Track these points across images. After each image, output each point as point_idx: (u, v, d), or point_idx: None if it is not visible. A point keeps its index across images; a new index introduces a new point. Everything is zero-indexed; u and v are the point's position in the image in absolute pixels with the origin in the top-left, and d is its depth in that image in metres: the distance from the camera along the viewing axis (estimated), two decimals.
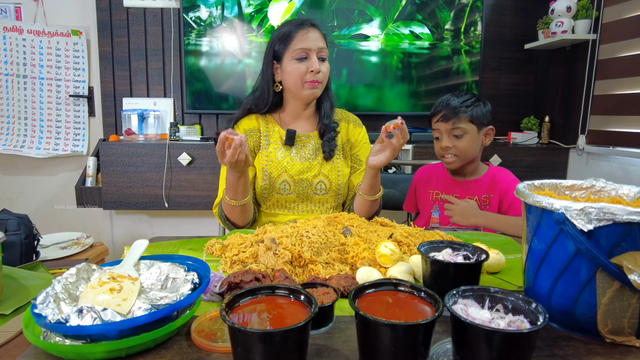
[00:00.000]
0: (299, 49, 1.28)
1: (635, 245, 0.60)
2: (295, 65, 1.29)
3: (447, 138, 1.39)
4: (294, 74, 1.29)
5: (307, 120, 1.42)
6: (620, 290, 0.62)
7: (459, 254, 0.78)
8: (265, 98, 1.36)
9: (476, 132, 1.39)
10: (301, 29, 1.29)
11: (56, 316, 0.59)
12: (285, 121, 1.41)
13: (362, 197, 1.32)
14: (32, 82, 2.69)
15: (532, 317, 0.55)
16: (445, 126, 1.39)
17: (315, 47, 1.29)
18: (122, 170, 2.44)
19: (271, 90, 1.36)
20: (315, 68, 1.28)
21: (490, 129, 1.42)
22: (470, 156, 1.41)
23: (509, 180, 1.41)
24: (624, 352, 0.62)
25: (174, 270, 0.73)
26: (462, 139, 1.38)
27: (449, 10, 2.63)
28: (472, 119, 1.37)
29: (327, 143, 1.37)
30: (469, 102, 1.38)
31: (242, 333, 0.50)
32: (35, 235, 1.79)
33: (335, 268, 0.87)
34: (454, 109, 1.37)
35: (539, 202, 0.66)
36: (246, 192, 1.23)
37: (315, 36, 1.29)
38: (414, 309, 0.58)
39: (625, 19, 2.20)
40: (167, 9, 2.66)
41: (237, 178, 1.18)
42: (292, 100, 1.38)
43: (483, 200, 1.41)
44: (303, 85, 1.31)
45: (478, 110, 1.37)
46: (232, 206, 1.24)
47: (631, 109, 2.15)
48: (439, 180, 1.50)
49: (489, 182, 1.42)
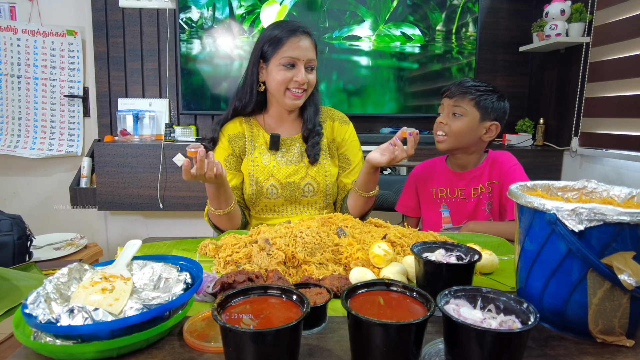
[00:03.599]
0: (287, 57, 1.26)
1: (625, 246, 0.60)
2: (281, 71, 1.27)
3: (446, 115, 1.35)
4: (278, 80, 1.27)
5: (292, 123, 1.40)
6: (610, 290, 0.62)
7: (452, 255, 0.78)
8: (249, 96, 1.34)
9: (477, 119, 1.32)
10: (294, 35, 1.26)
11: (47, 316, 0.58)
12: (270, 124, 1.40)
13: (357, 192, 1.31)
14: (26, 82, 2.68)
15: (524, 317, 0.56)
16: (448, 102, 1.34)
17: (305, 58, 1.27)
18: (117, 170, 2.43)
19: (254, 90, 1.33)
20: (300, 79, 1.26)
21: (494, 124, 1.35)
22: (462, 142, 1.35)
23: (510, 165, 1.36)
24: (615, 351, 0.63)
25: (167, 270, 0.72)
26: (458, 120, 1.32)
27: (441, 12, 2.64)
28: (477, 104, 1.31)
29: (311, 148, 1.35)
30: (482, 88, 1.33)
31: (234, 333, 0.50)
32: (28, 236, 1.78)
33: (329, 268, 0.87)
34: (463, 88, 1.32)
35: (530, 203, 0.67)
36: (229, 200, 1.22)
37: (306, 46, 1.27)
38: (406, 309, 0.58)
39: (615, 22, 2.22)
40: (162, 10, 2.66)
41: (215, 189, 1.17)
42: (275, 102, 1.36)
43: (487, 187, 1.37)
44: (285, 92, 1.29)
45: (488, 99, 1.32)
46: (218, 215, 1.23)
47: (622, 111, 2.16)
48: (439, 175, 1.45)
49: (489, 168, 1.38)
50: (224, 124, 1.39)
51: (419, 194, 1.49)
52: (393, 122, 2.85)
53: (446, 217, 1.40)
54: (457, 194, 1.40)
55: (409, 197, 1.52)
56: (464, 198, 1.39)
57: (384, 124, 2.81)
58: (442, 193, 1.42)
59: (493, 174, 1.37)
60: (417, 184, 1.49)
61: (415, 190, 1.50)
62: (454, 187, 1.40)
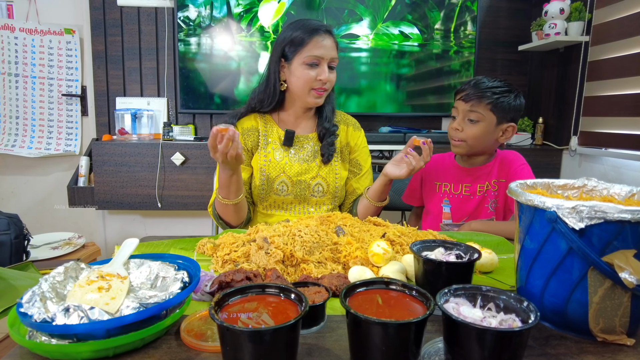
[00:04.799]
0: (312, 56, 1.26)
1: (626, 244, 0.60)
2: (305, 70, 1.27)
3: (461, 120, 1.31)
4: (302, 79, 1.28)
5: (307, 121, 1.41)
6: (611, 289, 0.62)
7: (452, 254, 0.77)
8: (271, 96, 1.35)
9: (494, 123, 1.29)
10: (317, 34, 1.26)
11: (42, 315, 0.58)
12: (285, 121, 1.40)
13: (369, 201, 1.34)
14: (24, 81, 2.67)
15: (524, 316, 0.55)
16: (463, 106, 1.30)
17: (328, 57, 1.28)
18: (115, 170, 2.42)
19: (277, 89, 1.34)
20: (324, 77, 1.28)
21: (511, 126, 1.32)
22: (479, 147, 1.33)
23: (519, 164, 1.35)
24: (616, 350, 0.62)
25: (164, 269, 0.72)
26: (475, 125, 1.29)
27: (439, 11, 2.64)
28: (494, 107, 1.27)
29: (326, 147, 1.37)
30: (498, 90, 1.27)
31: (231, 332, 0.50)
32: (26, 235, 1.77)
33: (328, 267, 0.87)
34: (479, 91, 1.27)
35: (530, 201, 0.66)
36: (239, 191, 1.22)
37: (329, 44, 1.28)
38: (406, 308, 0.57)
39: (614, 21, 2.22)
40: (161, 9, 2.65)
41: (229, 176, 1.17)
42: (294, 101, 1.36)
43: (493, 185, 1.36)
44: (309, 92, 1.30)
45: (505, 101, 1.27)
46: (225, 205, 1.23)
47: (621, 110, 2.16)
48: (446, 170, 1.44)
49: (498, 166, 1.37)
50: (240, 119, 1.39)
51: (423, 187, 1.49)
52: (392, 121, 2.84)
53: (447, 212, 1.40)
54: (462, 190, 1.40)
55: (414, 188, 1.53)
56: (469, 194, 1.39)
57: (383, 123, 2.81)
58: (446, 188, 1.42)
59: (501, 172, 1.37)
60: (422, 176, 1.49)
61: (420, 183, 1.50)
62: (459, 182, 1.40)
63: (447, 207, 1.40)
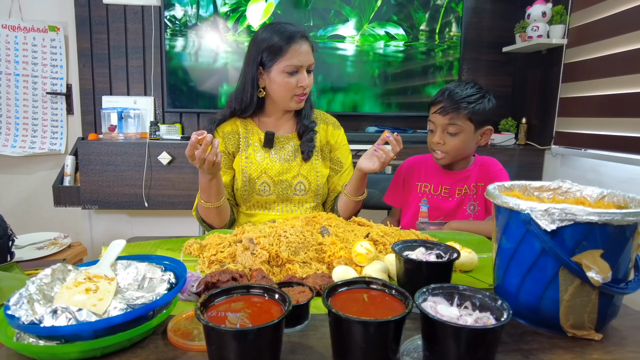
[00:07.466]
0: (292, 65, 1.27)
1: (595, 244, 0.63)
2: (285, 79, 1.29)
3: (441, 133, 1.33)
4: (283, 87, 1.30)
5: (287, 122, 1.43)
6: (580, 287, 0.65)
7: (432, 253, 0.80)
8: (248, 103, 1.35)
9: (472, 131, 1.33)
10: (294, 42, 1.27)
11: (30, 317, 0.58)
12: (265, 123, 1.42)
13: (348, 197, 1.36)
14: (6, 79, 2.63)
15: (498, 314, 0.58)
16: (441, 120, 1.32)
17: (307, 63, 1.30)
18: (101, 169, 2.41)
19: (255, 97, 1.35)
20: (305, 83, 1.30)
21: (489, 129, 1.36)
22: (461, 155, 1.37)
23: (496, 169, 1.40)
24: (584, 345, 0.65)
25: (151, 270, 0.73)
26: (456, 137, 1.32)
27: (424, 12, 2.67)
28: (471, 116, 1.30)
29: (305, 144, 1.39)
30: (473, 98, 1.29)
31: (216, 331, 0.51)
32: (10, 236, 1.75)
33: (312, 267, 0.89)
34: (454, 103, 1.29)
35: (506, 203, 0.69)
36: (220, 194, 1.24)
37: (307, 50, 1.29)
38: (386, 307, 0.60)
39: (590, 23, 2.28)
40: (147, 7, 2.63)
41: (208, 180, 1.19)
42: (275, 105, 1.38)
43: (472, 189, 1.40)
44: (292, 98, 1.32)
45: (480, 108, 1.30)
46: (207, 208, 1.25)
47: (598, 111, 2.22)
48: (428, 171, 1.47)
49: (477, 170, 1.41)
50: (219, 125, 1.40)
51: (405, 187, 1.53)
52: (379, 121, 2.87)
53: (424, 211, 1.45)
54: (441, 191, 1.44)
55: (396, 189, 1.55)
56: (447, 196, 1.42)
57: (370, 123, 2.83)
58: (426, 189, 1.46)
59: (480, 176, 1.41)
60: (404, 177, 1.53)
61: (402, 183, 1.54)
62: (439, 184, 1.44)
63: (425, 206, 1.44)
